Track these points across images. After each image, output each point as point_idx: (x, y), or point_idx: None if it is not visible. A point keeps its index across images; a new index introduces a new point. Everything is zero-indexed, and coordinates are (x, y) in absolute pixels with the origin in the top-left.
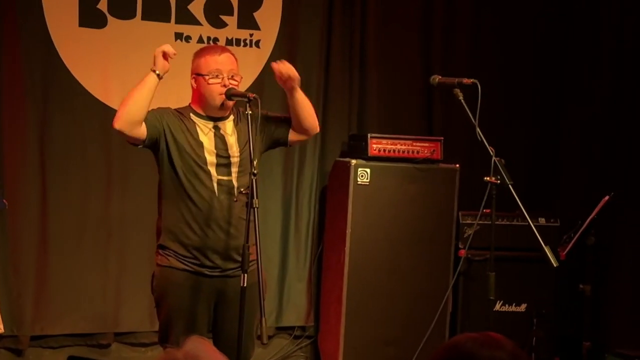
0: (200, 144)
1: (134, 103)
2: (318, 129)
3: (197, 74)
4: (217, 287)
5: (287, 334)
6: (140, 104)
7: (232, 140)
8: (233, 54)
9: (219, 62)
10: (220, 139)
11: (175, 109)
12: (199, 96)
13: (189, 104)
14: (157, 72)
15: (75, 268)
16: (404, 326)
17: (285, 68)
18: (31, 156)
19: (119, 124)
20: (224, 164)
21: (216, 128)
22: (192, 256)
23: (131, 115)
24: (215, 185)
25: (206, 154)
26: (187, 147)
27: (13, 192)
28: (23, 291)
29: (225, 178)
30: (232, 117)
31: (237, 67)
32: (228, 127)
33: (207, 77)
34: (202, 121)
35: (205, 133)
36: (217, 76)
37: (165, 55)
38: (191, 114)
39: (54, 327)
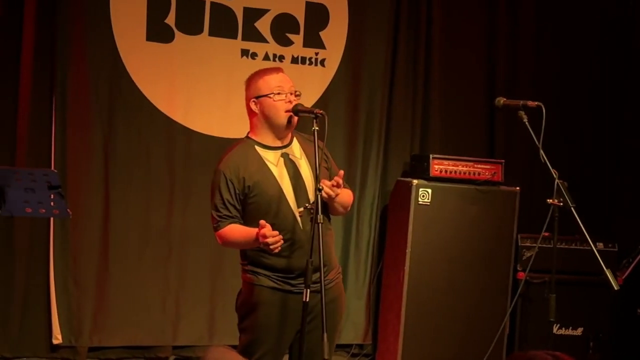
0: (273, 178)
1: (235, 247)
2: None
3: (258, 97)
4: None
5: (345, 352)
6: (238, 248)
7: (302, 163)
8: (283, 72)
9: (279, 79)
10: (291, 166)
11: (236, 147)
12: (264, 119)
13: (247, 135)
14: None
15: (135, 281)
16: (461, 346)
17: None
18: (95, 168)
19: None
20: (300, 191)
21: (284, 155)
22: (282, 276)
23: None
24: (298, 217)
25: (282, 187)
26: (263, 186)
27: (76, 204)
28: (82, 302)
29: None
30: (295, 139)
31: (294, 84)
32: (295, 150)
33: (271, 96)
34: (268, 151)
35: (274, 163)
36: (279, 93)
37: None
38: (255, 147)
39: (112, 339)
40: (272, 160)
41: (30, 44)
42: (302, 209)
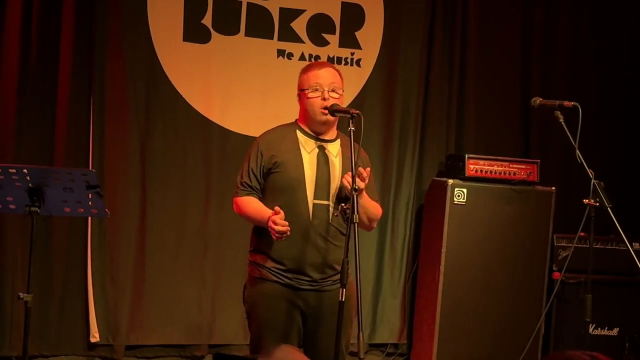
0: (301, 162)
1: (247, 219)
2: (369, 230)
3: (300, 90)
4: (309, 301)
5: (379, 351)
6: (249, 221)
7: (336, 161)
8: (336, 69)
9: (320, 76)
10: (323, 159)
11: (280, 127)
12: (303, 111)
13: (296, 120)
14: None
15: (171, 279)
16: (496, 346)
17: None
18: (132, 167)
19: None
20: (323, 185)
21: (321, 148)
22: (285, 269)
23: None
24: (310, 208)
25: (306, 174)
26: (288, 165)
27: (113, 203)
28: (120, 301)
29: (322, 202)
30: (339, 140)
31: (339, 82)
32: (333, 148)
33: (307, 91)
34: (307, 139)
35: (308, 151)
36: (316, 90)
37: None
38: (297, 130)
39: (149, 338)
40: (307, 147)
41: (69, 45)
42: (316, 201)
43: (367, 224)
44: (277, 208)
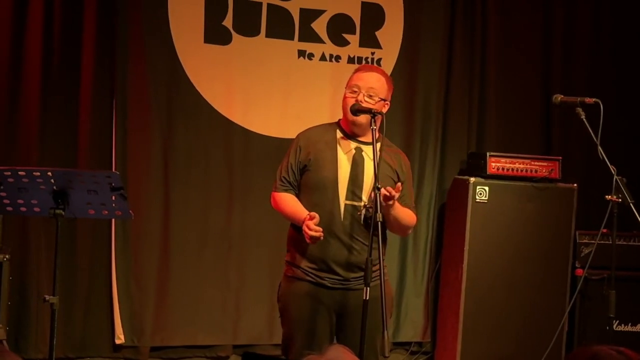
0: (335, 162)
1: (282, 215)
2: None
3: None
4: (338, 299)
5: (404, 349)
6: (284, 217)
7: (371, 165)
8: (384, 77)
9: (361, 78)
10: (358, 160)
11: (322, 125)
12: (343, 110)
13: (339, 120)
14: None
15: (195, 280)
16: (520, 343)
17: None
18: (155, 169)
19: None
20: (356, 186)
21: (357, 149)
22: (317, 268)
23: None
24: (342, 208)
25: (339, 174)
26: (322, 164)
27: (136, 205)
28: (144, 302)
29: (354, 203)
30: (379, 144)
31: (380, 88)
32: (371, 151)
33: (346, 92)
34: (345, 139)
35: (344, 151)
36: (354, 91)
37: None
38: (337, 130)
39: (173, 339)
40: (344, 148)
41: (91, 47)
42: (348, 202)
43: (397, 230)
44: (312, 213)
